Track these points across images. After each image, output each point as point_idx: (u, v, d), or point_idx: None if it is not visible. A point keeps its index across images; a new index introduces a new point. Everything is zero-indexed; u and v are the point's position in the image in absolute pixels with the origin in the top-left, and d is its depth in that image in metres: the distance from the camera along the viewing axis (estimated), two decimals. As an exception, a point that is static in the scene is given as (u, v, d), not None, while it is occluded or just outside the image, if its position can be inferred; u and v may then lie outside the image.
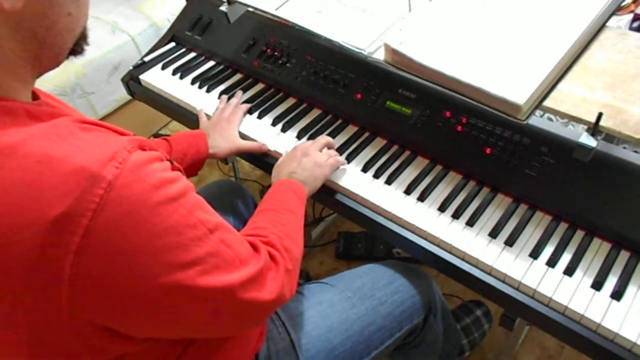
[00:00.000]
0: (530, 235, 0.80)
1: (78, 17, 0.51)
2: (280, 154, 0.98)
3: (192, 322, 0.54)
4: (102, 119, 1.79)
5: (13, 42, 0.46)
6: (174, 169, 0.53)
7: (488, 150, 0.86)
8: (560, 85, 0.79)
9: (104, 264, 0.44)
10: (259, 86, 1.15)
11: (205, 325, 0.56)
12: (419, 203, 0.88)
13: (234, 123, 1.03)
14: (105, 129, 0.50)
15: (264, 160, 1.02)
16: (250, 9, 1.09)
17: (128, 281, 0.46)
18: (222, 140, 0.99)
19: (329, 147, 0.94)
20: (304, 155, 0.88)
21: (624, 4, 1.00)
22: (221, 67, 1.21)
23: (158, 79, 1.20)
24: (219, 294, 0.52)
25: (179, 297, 0.49)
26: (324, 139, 0.93)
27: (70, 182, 0.42)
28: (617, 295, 0.72)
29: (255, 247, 0.61)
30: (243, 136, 1.04)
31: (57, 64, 0.53)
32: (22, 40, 0.47)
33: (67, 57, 0.54)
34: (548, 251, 0.78)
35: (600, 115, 0.72)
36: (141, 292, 0.47)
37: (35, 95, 0.54)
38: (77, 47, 0.54)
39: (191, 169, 0.97)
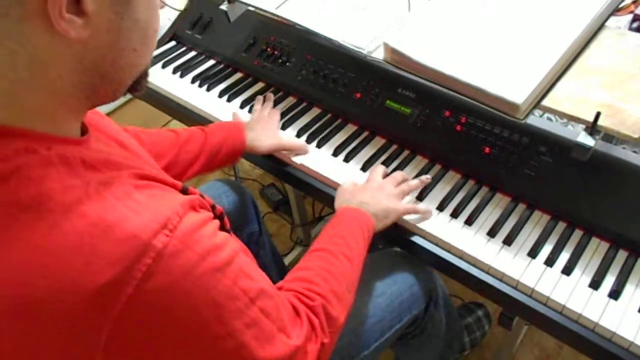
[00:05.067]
0: (529, 235, 0.81)
1: (143, 54, 0.49)
2: (281, 154, 0.98)
3: None
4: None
5: (73, 73, 0.45)
6: (215, 214, 0.52)
7: (487, 150, 0.87)
8: (559, 85, 0.79)
9: (139, 332, 0.44)
10: (259, 85, 1.15)
11: None
12: (418, 202, 0.88)
13: (276, 121, 1.02)
14: (160, 184, 0.50)
15: (264, 159, 1.02)
16: (250, 8, 1.09)
17: (160, 350, 0.46)
18: (266, 135, 0.98)
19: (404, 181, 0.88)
20: (379, 189, 0.84)
21: (623, 4, 1.00)
22: (221, 66, 1.21)
23: (158, 77, 1.20)
24: None
25: None
26: (400, 175, 0.88)
27: (122, 250, 0.42)
28: (614, 294, 0.72)
29: (297, 313, 0.59)
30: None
31: (113, 98, 0.51)
32: (83, 71, 0.45)
33: (124, 94, 0.52)
34: (546, 250, 0.78)
35: (598, 115, 0.72)
36: (174, 359, 0.47)
37: (82, 125, 0.52)
38: (138, 85, 0.52)
39: (226, 161, 0.94)
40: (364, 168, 0.94)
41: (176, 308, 0.44)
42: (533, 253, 0.78)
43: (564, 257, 0.77)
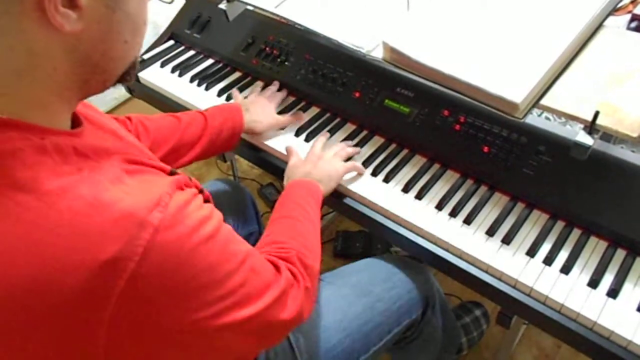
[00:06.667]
0: (527, 234, 0.81)
1: (133, 45, 0.51)
2: (281, 152, 0.98)
3: (221, 350, 0.55)
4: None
5: (66, 64, 0.46)
6: (205, 197, 0.54)
7: (486, 149, 0.87)
8: (558, 84, 0.79)
9: (143, 304, 0.45)
10: (258, 84, 1.15)
11: (232, 350, 0.58)
12: (417, 201, 0.88)
13: (274, 102, 1.05)
14: (147, 167, 0.52)
15: (263, 158, 1.02)
16: (249, 7, 1.09)
17: (165, 320, 0.47)
18: (263, 115, 1.00)
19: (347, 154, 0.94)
20: (319, 158, 0.90)
21: (621, 4, 1.00)
22: (220, 65, 1.21)
23: (157, 76, 1.20)
24: (249, 321, 0.54)
25: (213, 330, 0.51)
26: (338, 145, 0.94)
27: (120, 227, 0.43)
28: (613, 293, 0.72)
29: (277, 267, 0.63)
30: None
31: (103, 88, 0.53)
32: (75, 63, 0.47)
33: (114, 84, 0.54)
34: (545, 249, 0.78)
35: (597, 114, 0.72)
36: (177, 329, 0.48)
37: (76, 118, 0.53)
38: (127, 76, 0.54)
39: (226, 144, 0.96)
40: (363, 166, 0.94)
41: (176, 279, 0.46)
42: (532, 252, 0.78)
43: (562, 256, 0.77)
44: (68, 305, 0.42)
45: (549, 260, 0.77)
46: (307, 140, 1.01)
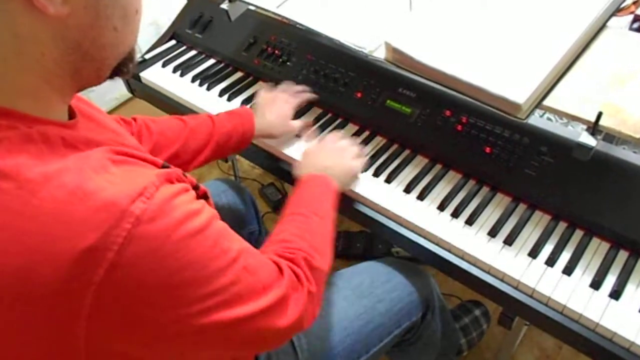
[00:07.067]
0: (530, 235, 0.81)
1: (124, 34, 0.50)
2: (283, 154, 0.98)
3: (208, 349, 0.54)
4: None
5: (55, 50, 0.46)
6: (198, 195, 0.52)
7: (488, 150, 0.86)
8: (560, 85, 0.79)
9: (124, 296, 0.44)
10: (259, 84, 1.15)
11: (220, 351, 0.56)
12: (419, 202, 0.88)
13: (292, 104, 1.00)
14: (136, 160, 0.50)
15: (264, 159, 1.02)
16: (251, 7, 1.09)
17: (147, 313, 0.46)
18: (277, 119, 0.96)
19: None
20: (341, 150, 0.88)
21: (624, 5, 1.00)
22: (221, 65, 1.21)
23: (158, 76, 1.20)
24: (239, 324, 0.52)
25: (198, 328, 0.49)
26: (357, 146, 0.92)
27: (101, 216, 0.42)
28: (615, 294, 0.72)
29: (279, 268, 0.60)
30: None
31: (98, 80, 0.52)
32: (65, 49, 0.46)
33: (112, 77, 0.53)
34: (547, 250, 0.78)
35: (599, 115, 0.72)
36: (160, 323, 0.47)
37: (71, 111, 0.53)
38: (123, 67, 0.53)
39: (236, 148, 0.94)
40: (364, 168, 0.94)
41: (160, 272, 0.45)
42: (534, 253, 0.78)
43: (564, 257, 0.77)
44: (49, 294, 0.42)
45: (551, 261, 0.77)
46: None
